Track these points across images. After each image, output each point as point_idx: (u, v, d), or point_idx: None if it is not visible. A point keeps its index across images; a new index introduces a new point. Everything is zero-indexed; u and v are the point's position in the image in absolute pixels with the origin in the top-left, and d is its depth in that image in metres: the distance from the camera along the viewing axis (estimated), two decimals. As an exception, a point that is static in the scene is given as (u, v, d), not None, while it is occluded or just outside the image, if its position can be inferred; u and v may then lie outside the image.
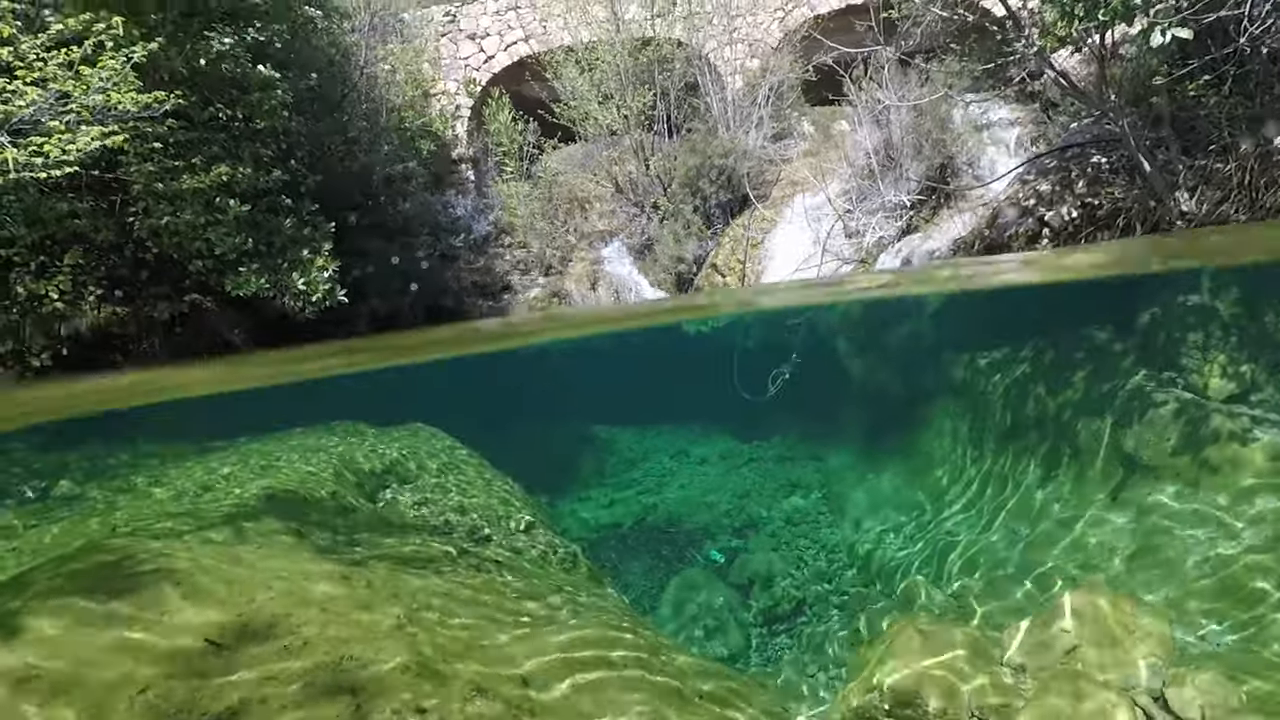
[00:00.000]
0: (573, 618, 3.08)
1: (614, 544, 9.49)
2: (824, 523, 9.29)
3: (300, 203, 8.38)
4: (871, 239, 10.00)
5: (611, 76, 13.96)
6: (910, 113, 10.60)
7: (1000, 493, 7.07)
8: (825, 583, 8.12)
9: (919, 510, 8.15)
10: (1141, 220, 6.23)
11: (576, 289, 14.26)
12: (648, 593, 8.46)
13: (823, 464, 10.60)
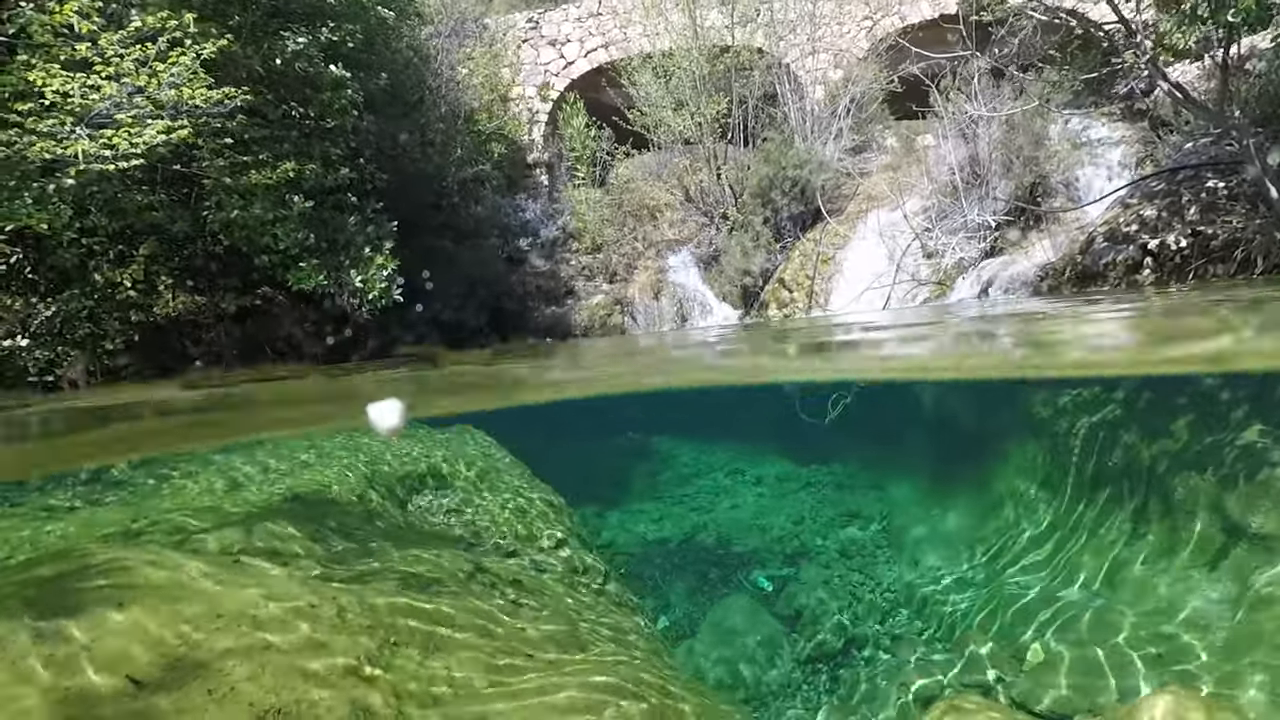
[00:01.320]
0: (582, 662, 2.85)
1: (660, 561, 9.20)
2: (881, 558, 8.74)
3: (365, 201, 8.51)
4: (950, 260, 9.41)
5: (687, 83, 13.75)
6: (1001, 127, 9.95)
7: (1077, 545, 6.43)
8: (877, 623, 7.60)
9: (985, 554, 7.54)
10: (1264, 254, 5.53)
11: (640, 297, 14.10)
12: (689, 616, 8.14)
13: (884, 494, 10.02)
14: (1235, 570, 4.88)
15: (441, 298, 11.96)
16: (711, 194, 14.18)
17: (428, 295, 11.98)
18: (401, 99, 11.81)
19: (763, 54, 15.79)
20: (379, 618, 2.29)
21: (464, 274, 13.27)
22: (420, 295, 12.05)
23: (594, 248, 15.09)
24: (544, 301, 13.99)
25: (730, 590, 8.46)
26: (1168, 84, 6.19)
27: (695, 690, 3.99)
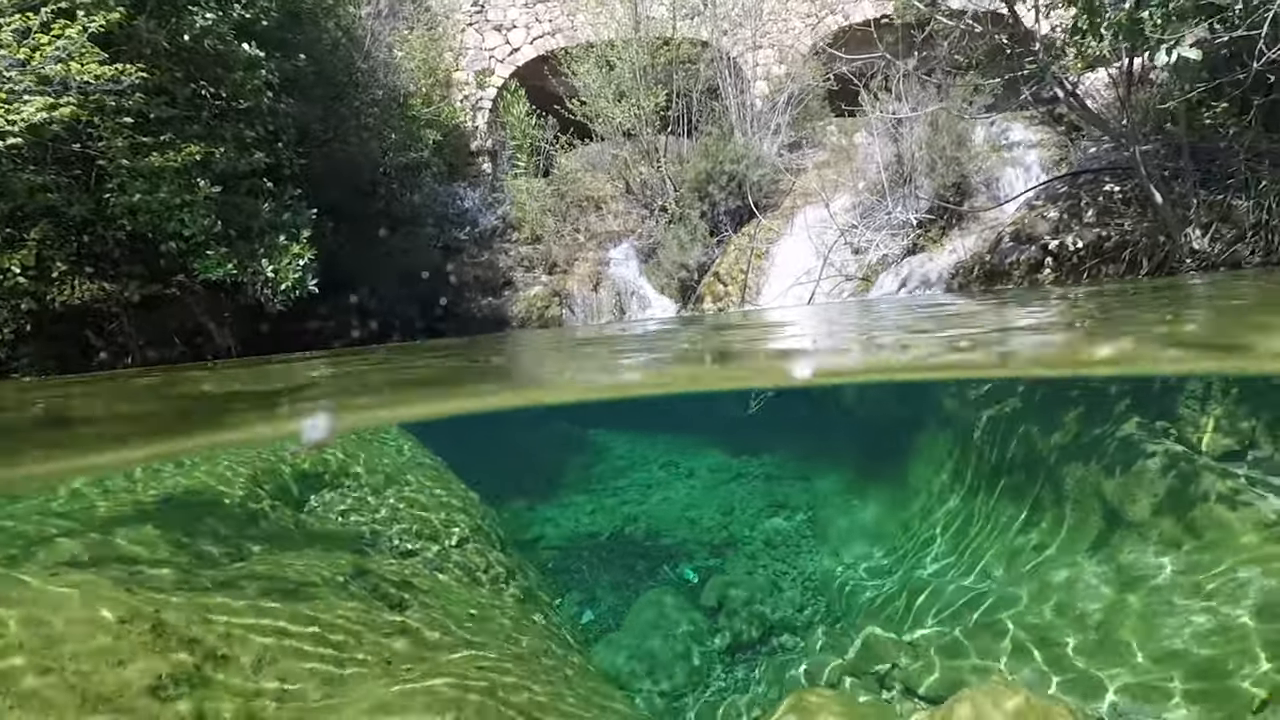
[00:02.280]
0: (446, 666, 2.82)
1: (588, 555, 9.22)
2: (805, 548, 8.92)
3: (283, 187, 8.25)
4: (875, 256, 9.61)
5: (628, 75, 13.69)
6: (927, 128, 10.17)
7: (981, 534, 6.67)
8: (796, 611, 7.77)
9: (899, 543, 7.77)
10: (1149, 256, 5.79)
11: (579, 289, 14.03)
12: (614, 609, 8.19)
13: (810, 485, 10.22)
14: (1112, 555, 5.13)
15: (371, 288, 11.71)
16: (651, 186, 14.18)
17: (356, 285, 11.72)
18: (331, 81, 11.47)
19: (707, 47, 15.83)
20: (211, 629, 2.22)
21: (397, 263, 13.02)
22: (348, 285, 11.78)
23: (534, 238, 14.96)
24: (481, 292, 13.82)
25: (656, 582, 8.53)
26: (1064, 92, 6.42)
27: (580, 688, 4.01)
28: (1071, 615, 4.95)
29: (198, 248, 7.04)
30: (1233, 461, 4.86)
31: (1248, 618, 4.05)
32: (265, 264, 7.40)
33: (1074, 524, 5.65)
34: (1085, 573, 5.22)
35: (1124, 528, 5.17)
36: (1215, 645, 4.01)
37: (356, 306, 11.05)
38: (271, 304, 7.76)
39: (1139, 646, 4.37)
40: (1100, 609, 4.84)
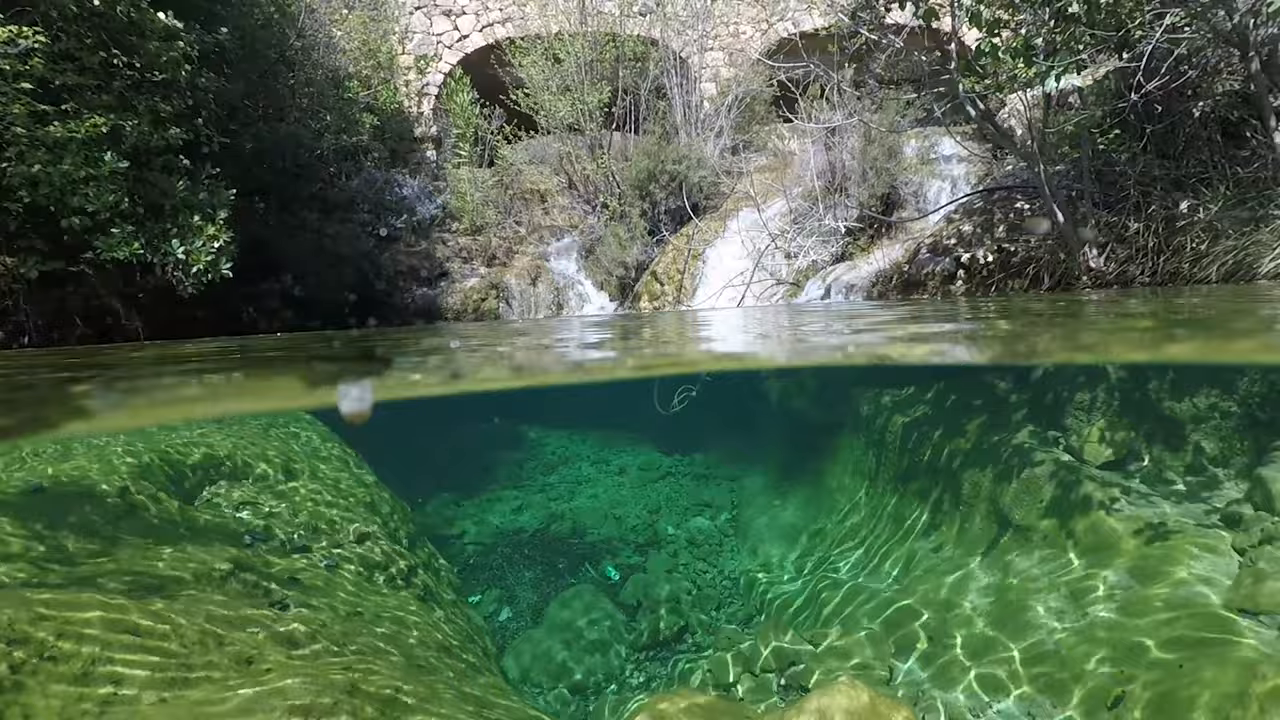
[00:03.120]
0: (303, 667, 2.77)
1: (510, 551, 9.17)
2: (726, 547, 9.05)
3: (201, 165, 7.94)
4: (805, 262, 9.79)
5: (573, 69, 13.62)
6: (861, 139, 10.40)
7: (887, 535, 6.89)
8: (714, 610, 7.88)
9: (813, 543, 7.96)
10: (1050, 272, 6.05)
11: (517, 283, 13.91)
12: (533, 607, 8.17)
13: (737, 485, 10.38)
14: (999, 557, 5.36)
15: (299, 273, 11.38)
16: (594, 183, 14.15)
17: (283, 270, 11.38)
18: (261, 57, 11.11)
19: (656, 46, 15.86)
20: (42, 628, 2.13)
21: (329, 249, 12.68)
22: (275, 270, 11.43)
23: (474, 229, 14.75)
24: (415, 282, 13.57)
25: (578, 580, 8.54)
26: (975, 110, 6.67)
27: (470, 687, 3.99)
28: (959, 614, 5.15)
29: (103, 225, 6.73)
30: (1109, 469, 5.12)
31: (1113, 615, 4.28)
32: (176, 245, 7.10)
33: (968, 526, 5.88)
34: (975, 574, 5.44)
35: (1011, 530, 5.40)
36: (1081, 642, 4.22)
37: (281, 292, 10.73)
38: (184, 287, 7.47)
39: (1015, 644, 4.57)
40: (985, 608, 5.05)
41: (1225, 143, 6.14)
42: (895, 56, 9.89)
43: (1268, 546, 4.00)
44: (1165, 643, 3.84)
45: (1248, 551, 4.05)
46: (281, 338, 8.24)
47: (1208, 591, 3.95)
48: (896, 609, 5.60)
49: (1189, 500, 4.69)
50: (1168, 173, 6.02)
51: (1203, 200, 5.54)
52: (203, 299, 8.18)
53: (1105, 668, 4.01)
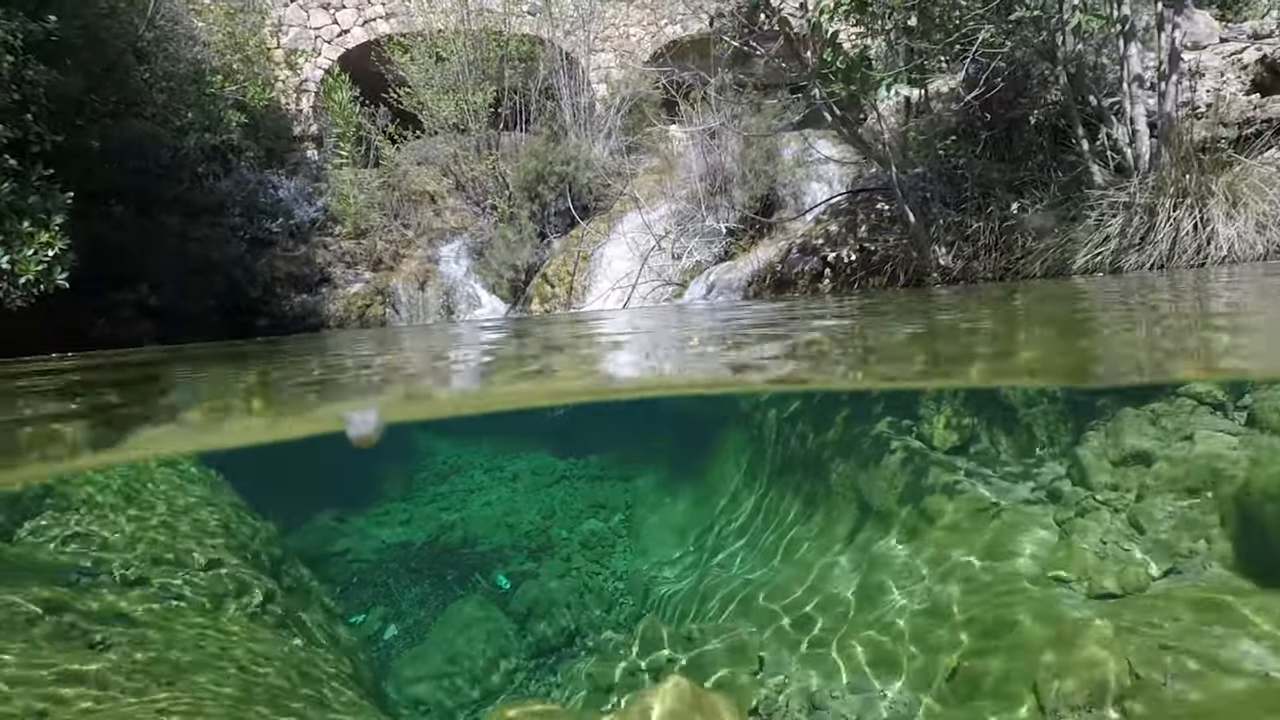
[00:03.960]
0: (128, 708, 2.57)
1: (396, 566, 8.88)
2: (619, 548, 9.09)
3: (31, 166, 7.26)
4: (689, 263, 9.98)
5: (456, 67, 13.33)
6: (740, 141, 10.68)
7: (766, 527, 7.11)
8: (605, 612, 7.90)
9: (701, 539, 8.11)
10: (905, 270, 6.40)
11: (404, 288, 13.49)
12: (420, 622, 7.95)
13: (630, 485, 10.46)
14: (863, 543, 5.64)
15: (157, 282, 10.61)
16: (482, 184, 13.90)
17: (139, 278, 10.60)
18: (110, 47, 10.28)
19: (545, 45, 15.75)
20: None
21: (195, 255, 11.90)
22: (131, 279, 10.63)
23: (358, 233, 14.19)
24: (294, 289, 12.92)
25: (467, 591, 8.37)
26: (831, 116, 7.00)
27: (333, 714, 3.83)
28: (826, 599, 5.38)
29: (-94, 233, 6.03)
30: (954, 454, 5.48)
31: (955, 590, 4.57)
32: (0, 254, 6.46)
33: (835, 514, 6.15)
34: (841, 560, 5.70)
35: (872, 517, 5.69)
36: (927, 618, 4.49)
37: (137, 303, 9.97)
38: (11, 300, 6.80)
39: (873, 625, 4.81)
40: (848, 592, 5.29)
41: (1055, 148, 6.68)
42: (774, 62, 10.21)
43: (1080, 519, 4.37)
44: (995, 610, 4.14)
45: (1064, 524, 4.41)
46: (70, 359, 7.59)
47: (1031, 563, 4.28)
48: (769, 598, 5.79)
49: (1021, 479, 5.07)
50: (1004, 176, 6.51)
51: (1032, 201, 6.04)
52: (36, 312, 7.48)
53: (945, 639, 4.28)
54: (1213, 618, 3.27)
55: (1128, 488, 4.46)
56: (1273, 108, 6.36)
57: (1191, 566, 3.85)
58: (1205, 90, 6.93)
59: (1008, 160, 6.91)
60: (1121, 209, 5.39)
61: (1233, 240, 4.96)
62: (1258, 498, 3.61)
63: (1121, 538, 4.19)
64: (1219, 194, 4.97)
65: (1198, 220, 4.99)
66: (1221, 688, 2.77)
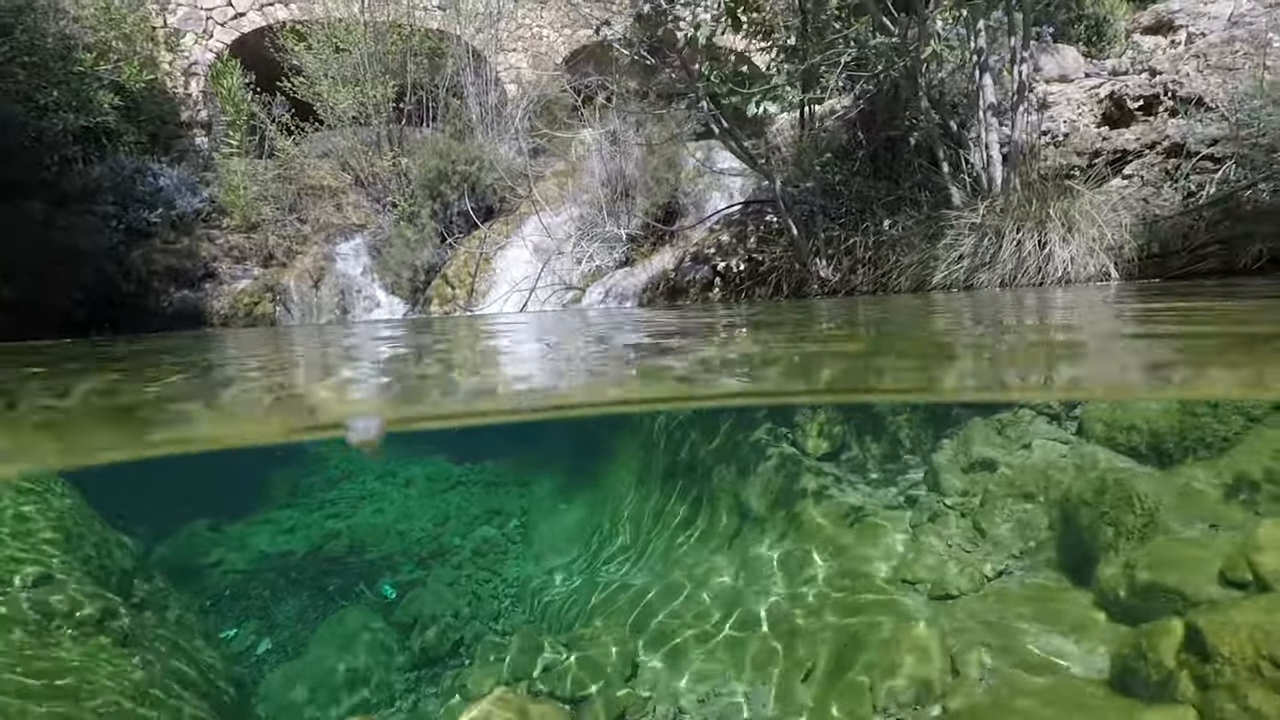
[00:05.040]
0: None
1: (275, 577, 8.45)
2: (512, 554, 8.96)
3: None
4: (589, 268, 9.98)
5: (354, 59, 12.87)
6: (643, 149, 10.76)
7: (654, 534, 7.17)
8: (492, 621, 7.76)
9: (592, 545, 8.11)
10: (788, 281, 6.60)
11: (297, 285, 12.90)
12: (296, 635, 7.59)
13: (527, 491, 10.35)
14: (739, 547, 5.77)
15: (9, 272, 9.76)
16: (382, 180, 13.48)
17: (-10, 269, 9.72)
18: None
19: (454, 41, 15.41)
20: None
21: (59, 244, 11.02)
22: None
23: (248, 226, 13.48)
24: (174, 284, 12.15)
25: (349, 602, 8.06)
26: (719, 128, 7.18)
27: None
28: (702, 604, 5.47)
29: None
30: (825, 460, 5.68)
31: (818, 593, 4.74)
32: None
33: (716, 519, 6.26)
34: (719, 565, 5.81)
35: (749, 522, 5.83)
36: (792, 621, 4.63)
37: (-14, 296, 9.13)
38: None
39: (744, 629, 4.92)
40: (722, 598, 5.39)
41: (928, 169, 7.06)
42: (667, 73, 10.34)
43: (930, 524, 4.60)
44: (850, 614, 4.30)
45: (917, 528, 4.64)
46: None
47: (883, 566, 4.47)
48: (649, 603, 5.83)
49: (883, 485, 5.31)
50: (881, 193, 6.84)
51: (904, 219, 6.36)
52: None
53: (806, 642, 4.42)
54: (1030, 615, 3.50)
55: (974, 493, 4.72)
56: (1118, 140, 6.94)
57: (1022, 566, 4.11)
58: (1063, 121, 7.48)
59: (889, 178, 7.26)
60: (975, 229, 5.77)
61: (1067, 262, 5.40)
62: (1075, 501, 3.90)
63: (965, 541, 4.44)
64: (1056, 219, 5.39)
65: (1037, 243, 5.41)
66: (1026, 683, 2.96)
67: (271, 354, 6.33)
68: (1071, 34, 11.64)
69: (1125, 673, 2.59)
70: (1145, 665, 2.42)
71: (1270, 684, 1.98)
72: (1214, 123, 6.06)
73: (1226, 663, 2.09)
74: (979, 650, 3.28)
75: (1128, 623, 3.08)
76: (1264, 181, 5.27)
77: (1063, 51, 10.49)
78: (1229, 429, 3.71)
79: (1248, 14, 8.47)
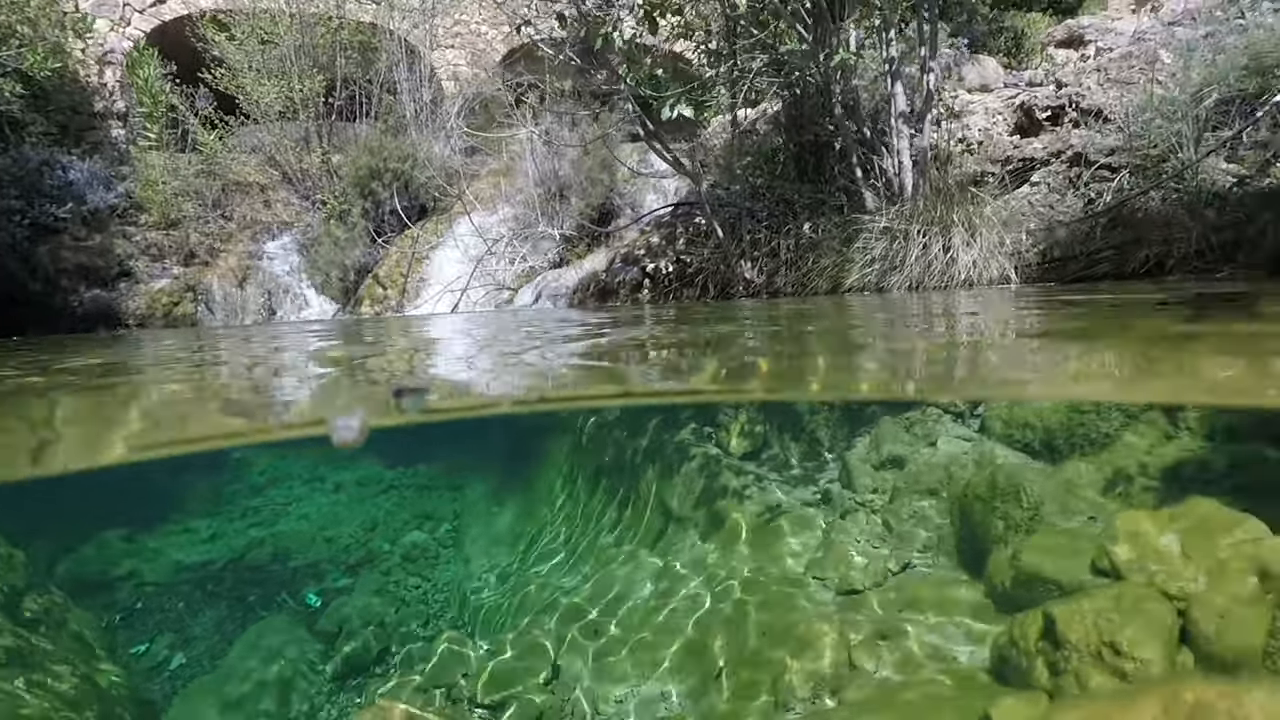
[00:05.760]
0: None
1: (191, 589, 8.12)
2: (443, 559, 8.81)
3: None
4: (523, 268, 9.90)
5: (283, 52, 12.47)
6: (579, 149, 10.73)
7: (583, 535, 7.16)
8: (421, 627, 7.62)
9: (523, 548, 8.04)
10: (714, 282, 6.68)
11: (220, 285, 12.44)
12: (213, 648, 7.32)
13: (460, 495, 10.21)
14: (664, 548, 5.81)
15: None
16: (312, 177, 13.10)
17: None
18: None
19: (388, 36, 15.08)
20: None
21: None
22: None
23: (167, 223, 12.93)
24: (85, 283, 11.56)
25: (271, 612, 7.81)
26: (644, 131, 7.23)
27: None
28: (625, 605, 5.48)
29: None
30: (746, 459, 5.77)
31: (736, 592, 4.80)
32: None
33: (641, 520, 6.30)
34: (643, 565, 5.83)
35: (673, 522, 5.88)
36: (708, 622, 4.68)
37: None
38: None
39: (663, 630, 4.95)
40: (644, 597, 5.42)
41: (848, 172, 7.23)
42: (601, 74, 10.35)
43: (842, 520, 4.72)
44: (764, 611, 4.38)
45: (830, 525, 4.75)
46: None
47: (798, 564, 4.57)
48: (575, 605, 5.82)
49: (802, 484, 5.41)
50: (805, 196, 6.98)
51: (825, 221, 6.52)
52: None
53: (721, 640, 4.48)
54: (928, 608, 3.62)
55: (884, 490, 4.86)
56: (1027, 148, 7.26)
57: (925, 560, 4.25)
58: (978, 129, 7.78)
59: (813, 182, 7.41)
60: (886, 233, 5.95)
61: (970, 266, 5.62)
62: (971, 497, 4.05)
63: (873, 537, 4.56)
64: (959, 224, 5.62)
65: (942, 247, 5.61)
66: (913, 675, 3.06)
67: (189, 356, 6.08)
68: (993, 46, 12.09)
69: (1000, 661, 2.70)
70: (1016, 653, 2.54)
71: (1109, 668, 2.10)
72: (1112, 134, 6.39)
73: (1073, 649, 2.22)
74: (875, 644, 3.37)
75: (1011, 612, 3.21)
76: (1154, 190, 5.58)
77: (984, 62, 10.90)
78: (1110, 426, 3.91)
79: (1148, 31, 8.96)
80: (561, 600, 6.07)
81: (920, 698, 2.65)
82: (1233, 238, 4.90)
